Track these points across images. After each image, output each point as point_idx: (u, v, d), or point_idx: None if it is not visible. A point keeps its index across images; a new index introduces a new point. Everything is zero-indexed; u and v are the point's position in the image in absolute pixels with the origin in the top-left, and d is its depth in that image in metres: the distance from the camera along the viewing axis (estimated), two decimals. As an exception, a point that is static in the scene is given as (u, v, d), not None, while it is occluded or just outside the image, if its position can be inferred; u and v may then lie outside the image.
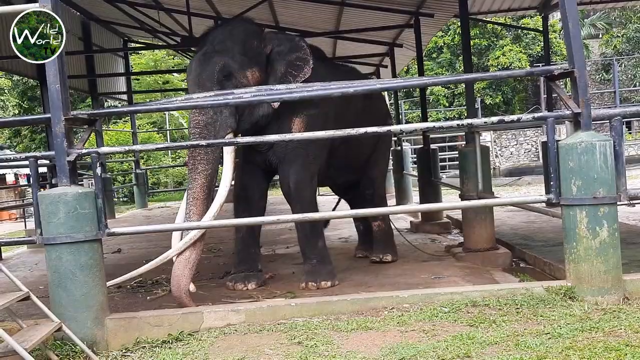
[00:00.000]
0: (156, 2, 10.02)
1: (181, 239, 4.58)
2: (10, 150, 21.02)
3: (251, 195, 5.51)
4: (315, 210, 5.32)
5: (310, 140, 4.93)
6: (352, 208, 6.64)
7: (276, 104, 4.98)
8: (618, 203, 4.15)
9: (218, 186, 4.92)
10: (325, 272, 5.23)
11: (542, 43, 11.52)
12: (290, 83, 4.97)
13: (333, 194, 8.14)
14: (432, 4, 8.42)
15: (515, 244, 6.75)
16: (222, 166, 4.93)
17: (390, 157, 13.64)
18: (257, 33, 5.26)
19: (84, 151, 4.24)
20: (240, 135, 5.06)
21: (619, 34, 25.90)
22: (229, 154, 4.87)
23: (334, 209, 6.86)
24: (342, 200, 7.08)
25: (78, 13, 12.23)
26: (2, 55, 9.74)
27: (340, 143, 5.53)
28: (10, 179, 20.20)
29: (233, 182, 5.18)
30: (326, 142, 5.33)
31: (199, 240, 4.59)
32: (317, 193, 6.79)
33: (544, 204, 4.64)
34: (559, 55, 22.25)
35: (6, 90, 25.56)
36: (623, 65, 24.86)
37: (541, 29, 11.34)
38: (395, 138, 11.08)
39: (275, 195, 10.65)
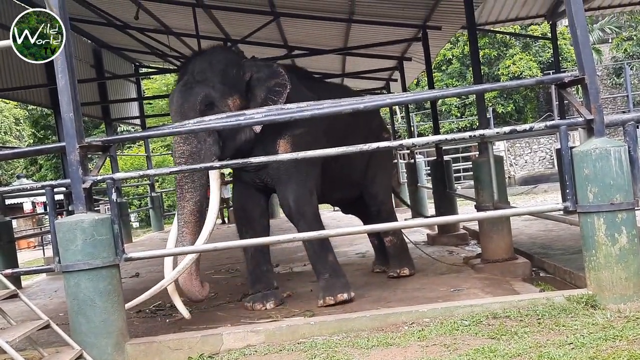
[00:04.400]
0: (166, 27, 10.16)
1: (173, 265, 4.85)
2: (28, 180, 21.24)
3: (251, 215, 5.55)
4: (321, 225, 5.32)
5: (302, 158, 4.96)
6: (364, 224, 6.61)
7: (258, 129, 5.04)
8: (636, 208, 4.10)
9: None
10: (340, 285, 5.22)
11: (552, 50, 11.49)
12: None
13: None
14: (439, 17, 8.44)
15: (534, 253, 6.68)
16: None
17: (404, 170, 13.66)
18: (235, 61, 5.32)
19: (99, 178, 4.30)
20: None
21: (629, 37, 25.73)
22: (215, 180, 4.94)
23: None
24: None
25: (89, 41, 12.47)
26: (16, 86, 9.91)
27: (331, 159, 5.50)
28: (27, 207, 20.40)
29: (232, 205, 5.29)
30: (318, 159, 5.31)
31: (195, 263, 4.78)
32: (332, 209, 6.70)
33: (561, 212, 4.60)
34: (569, 62, 22.14)
35: (22, 120, 25.96)
36: (635, 68, 24.66)
37: (550, 35, 11.33)
38: (408, 151, 11.07)
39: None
